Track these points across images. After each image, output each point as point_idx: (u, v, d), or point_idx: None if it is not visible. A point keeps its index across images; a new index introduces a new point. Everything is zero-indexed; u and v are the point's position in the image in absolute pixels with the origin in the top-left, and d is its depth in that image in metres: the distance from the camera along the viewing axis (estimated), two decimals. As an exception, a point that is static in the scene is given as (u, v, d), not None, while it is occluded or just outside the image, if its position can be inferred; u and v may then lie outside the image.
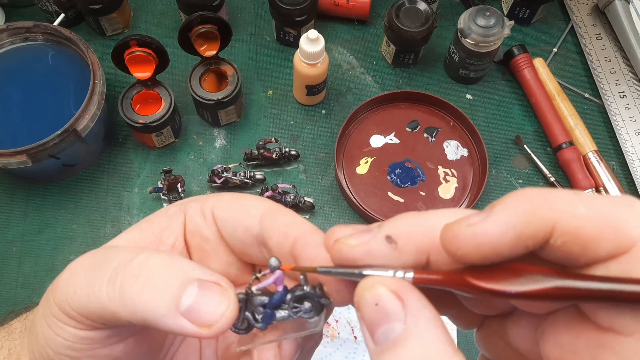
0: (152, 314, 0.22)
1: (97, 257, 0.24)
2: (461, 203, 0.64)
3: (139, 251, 0.24)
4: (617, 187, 0.64)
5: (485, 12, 0.64)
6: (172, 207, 0.29)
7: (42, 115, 0.59)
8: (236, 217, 0.27)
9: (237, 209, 0.27)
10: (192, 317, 0.22)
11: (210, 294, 0.23)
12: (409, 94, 0.68)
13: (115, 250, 0.24)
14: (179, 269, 0.23)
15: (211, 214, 0.28)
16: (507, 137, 0.69)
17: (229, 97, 0.62)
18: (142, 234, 0.27)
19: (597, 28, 0.74)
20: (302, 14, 0.67)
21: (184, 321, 0.22)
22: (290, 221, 0.26)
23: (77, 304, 0.23)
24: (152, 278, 0.22)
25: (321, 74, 0.64)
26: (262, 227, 0.26)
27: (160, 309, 0.22)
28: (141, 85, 0.61)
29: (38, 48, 0.63)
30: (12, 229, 0.62)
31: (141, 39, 0.57)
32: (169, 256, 0.24)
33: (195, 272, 0.23)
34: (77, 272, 0.24)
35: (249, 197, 0.28)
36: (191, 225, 0.28)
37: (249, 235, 0.27)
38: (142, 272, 0.23)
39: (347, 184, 0.64)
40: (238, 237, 0.27)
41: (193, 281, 0.23)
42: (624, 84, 0.70)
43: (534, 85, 0.68)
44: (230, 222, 0.27)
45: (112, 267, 0.23)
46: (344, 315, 0.58)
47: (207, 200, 0.28)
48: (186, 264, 0.23)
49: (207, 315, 0.22)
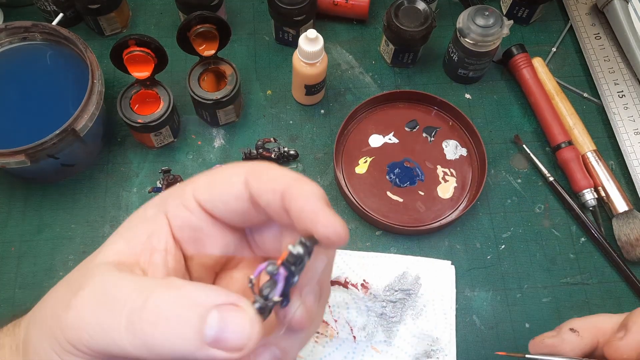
0: (181, 354, 0.22)
1: (99, 294, 0.24)
2: (460, 202, 0.64)
3: (146, 292, 0.23)
4: (616, 187, 0.64)
5: (484, 12, 0.64)
6: (149, 209, 0.28)
7: (41, 115, 0.59)
8: (222, 193, 0.27)
9: (219, 185, 0.27)
10: (221, 345, 0.22)
11: (231, 318, 0.23)
12: (408, 94, 0.68)
13: (118, 287, 0.24)
14: (193, 302, 0.23)
15: (195, 202, 0.27)
16: (506, 137, 0.69)
17: (227, 96, 0.62)
18: (130, 244, 0.27)
19: (596, 28, 0.74)
20: (301, 13, 0.66)
21: (214, 351, 0.22)
22: (273, 176, 0.26)
23: (96, 346, 0.23)
24: (170, 320, 0.22)
25: (320, 74, 0.64)
26: (250, 190, 0.26)
27: (188, 347, 0.22)
28: (140, 85, 0.61)
29: (36, 48, 0.62)
30: (11, 229, 0.62)
31: (140, 39, 0.57)
32: (178, 291, 0.23)
33: (209, 299, 0.23)
34: (84, 313, 0.23)
35: (224, 168, 0.28)
36: (178, 222, 0.27)
37: (242, 203, 0.27)
38: (159, 317, 0.22)
39: (346, 184, 0.64)
40: (232, 210, 0.27)
41: (211, 310, 0.22)
42: (622, 84, 0.70)
43: (533, 85, 0.68)
44: (218, 200, 0.27)
45: (125, 314, 0.22)
46: (343, 315, 0.58)
47: (184, 191, 0.28)
48: (198, 293, 0.23)
49: (235, 340, 0.22)
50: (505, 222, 0.64)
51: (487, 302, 0.60)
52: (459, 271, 0.61)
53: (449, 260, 0.61)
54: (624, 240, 0.62)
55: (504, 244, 0.63)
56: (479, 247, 0.63)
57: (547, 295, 0.61)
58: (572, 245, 0.63)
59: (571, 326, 0.38)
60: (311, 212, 0.25)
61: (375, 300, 0.58)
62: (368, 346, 0.57)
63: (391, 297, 0.58)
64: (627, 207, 0.63)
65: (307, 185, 0.25)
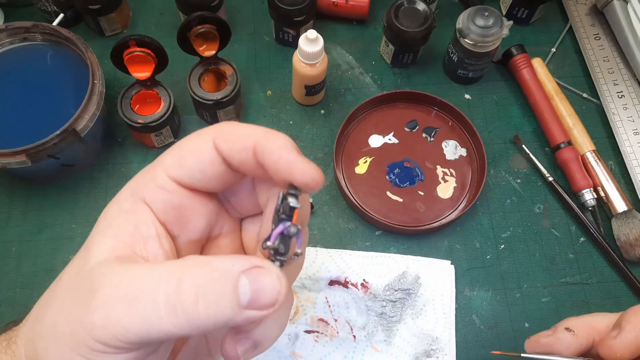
0: (223, 322, 0.24)
1: (123, 289, 0.24)
2: (460, 202, 0.64)
3: (177, 274, 0.24)
4: (615, 187, 0.64)
5: (484, 12, 0.64)
6: (123, 202, 0.28)
7: (41, 115, 0.59)
8: (195, 162, 0.27)
9: (190, 156, 0.28)
10: (256, 305, 0.24)
11: (260, 279, 0.24)
12: (408, 94, 0.68)
13: (140, 278, 0.24)
14: (223, 273, 0.24)
15: (170, 181, 0.27)
16: (506, 137, 0.69)
17: (228, 97, 0.62)
18: (118, 239, 0.27)
19: (595, 28, 0.74)
20: (301, 14, 0.67)
21: (251, 312, 0.24)
22: (242, 134, 0.27)
23: (134, 337, 0.24)
24: (207, 295, 0.23)
25: (320, 74, 0.64)
26: (221, 153, 0.27)
27: (228, 315, 0.24)
28: (140, 85, 0.62)
29: (37, 48, 0.63)
30: (11, 229, 0.62)
31: (140, 39, 0.57)
32: (207, 267, 0.24)
33: (236, 267, 0.24)
34: (112, 309, 0.24)
35: (189, 138, 0.28)
36: (158, 206, 0.28)
37: (217, 167, 0.27)
38: (198, 294, 0.23)
39: (346, 184, 0.64)
40: (210, 177, 0.28)
41: (239, 276, 0.24)
42: (622, 84, 0.70)
43: (533, 85, 0.68)
44: (195, 170, 0.27)
45: (161, 299, 0.23)
46: (343, 315, 0.58)
47: (155, 173, 0.28)
48: (224, 264, 0.24)
49: (267, 298, 0.24)
50: (505, 222, 0.64)
51: (487, 301, 0.60)
52: (458, 271, 0.61)
53: (449, 260, 0.61)
54: (623, 240, 0.62)
55: (504, 243, 0.63)
56: (479, 247, 0.63)
57: (546, 295, 0.61)
58: (572, 245, 0.64)
59: (567, 325, 0.38)
60: (286, 163, 0.26)
61: (375, 299, 0.58)
62: (368, 346, 0.57)
63: (391, 297, 0.58)
64: (627, 207, 0.63)
65: (277, 139, 0.27)
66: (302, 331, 0.57)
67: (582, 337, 0.37)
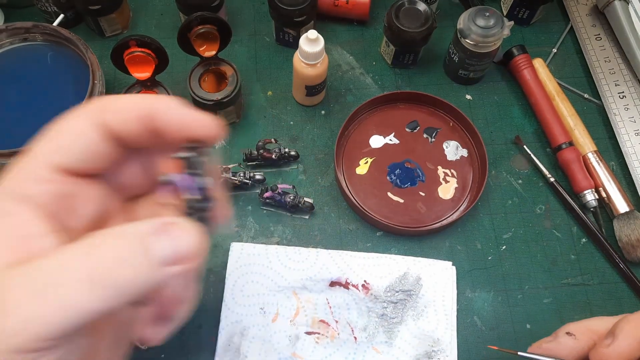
0: (143, 283, 0.23)
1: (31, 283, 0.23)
2: (461, 203, 0.64)
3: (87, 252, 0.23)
4: (617, 188, 0.64)
5: (485, 13, 0.64)
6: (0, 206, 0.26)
7: (41, 115, 0.59)
8: (82, 145, 0.27)
9: (74, 139, 0.27)
10: (177, 260, 0.24)
11: (174, 233, 0.24)
12: (409, 95, 0.68)
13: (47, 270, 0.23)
14: (132, 237, 0.23)
15: (52, 170, 0.26)
16: (507, 138, 0.69)
17: (228, 97, 0.62)
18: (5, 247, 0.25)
19: (596, 29, 0.74)
20: (301, 14, 0.66)
21: (172, 268, 0.23)
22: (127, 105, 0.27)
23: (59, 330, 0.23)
24: (122, 260, 0.23)
25: (321, 75, 0.64)
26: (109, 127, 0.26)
27: (147, 274, 0.23)
28: (140, 86, 0.61)
29: (37, 48, 0.63)
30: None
31: (140, 40, 0.57)
32: (114, 233, 0.24)
33: (143, 227, 0.24)
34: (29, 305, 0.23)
35: (65, 122, 0.27)
36: (44, 198, 0.26)
37: (104, 145, 0.27)
38: (114, 264, 0.23)
39: (346, 185, 0.64)
40: (99, 157, 0.27)
41: (146, 234, 0.23)
42: (623, 85, 0.70)
43: (534, 86, 0.68)
44: (73, 152, 0.27)
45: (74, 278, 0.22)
46: (344, 316, 0.58)
47: (31, 165, 0.26)
48: (131, 228, 0.24)
49: (188, 249, 0.24)
50: (506, 222, 0.64)
51: (488, 302, 0.60)
52: (459, 272, 0.61)
53: (450, 261, 0.61)
54: (624, 241, 0.62)
55: (505, 244, 0.63)
56: (480, 248, 0.63)
57: (548, 296, 0.61)
58: (573, 246, 0.63)
59: (567, 330, 0.39)
60: (182, 120, 0.26)
61: (376, 301, 0.58)
62: (369, 347, 0.57)
63: (392, 298, 0.58)
64: (628, 207, 0.63)
65: (166, 99, 0.26)
66: (303, 332, 0.57)
67: (582, 341, 0.38)
